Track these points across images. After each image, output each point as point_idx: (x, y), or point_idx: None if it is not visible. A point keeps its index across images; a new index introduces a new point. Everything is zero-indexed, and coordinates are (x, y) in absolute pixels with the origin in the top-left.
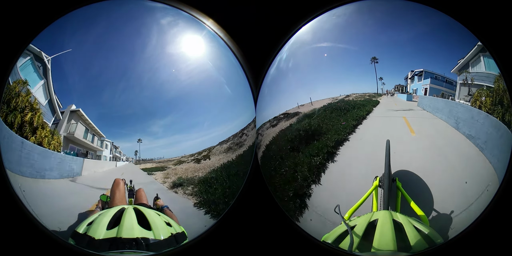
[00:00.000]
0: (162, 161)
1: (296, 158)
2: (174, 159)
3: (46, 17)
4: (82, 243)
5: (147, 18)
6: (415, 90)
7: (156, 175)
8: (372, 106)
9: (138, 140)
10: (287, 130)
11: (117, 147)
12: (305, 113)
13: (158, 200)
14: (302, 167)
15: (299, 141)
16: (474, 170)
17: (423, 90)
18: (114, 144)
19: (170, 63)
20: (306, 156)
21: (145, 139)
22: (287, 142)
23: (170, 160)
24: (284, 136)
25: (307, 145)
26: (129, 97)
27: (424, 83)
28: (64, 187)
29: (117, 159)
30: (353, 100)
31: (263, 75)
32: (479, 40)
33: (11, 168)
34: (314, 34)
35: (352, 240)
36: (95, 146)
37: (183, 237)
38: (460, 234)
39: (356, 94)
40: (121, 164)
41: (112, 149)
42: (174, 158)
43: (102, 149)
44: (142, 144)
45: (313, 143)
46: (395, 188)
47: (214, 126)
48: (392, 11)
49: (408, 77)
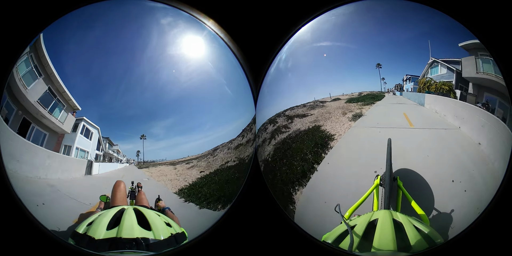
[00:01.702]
0: (163, 162)
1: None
2: (176, 160)
3: (46, 17)
4: (82, 243)
5: (147, 18)
6: (407, 88)
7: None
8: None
9: (142, 136)
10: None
11: (115, 144)
12: (350, 97)
13: (159, 202)
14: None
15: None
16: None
17: (410, 88)
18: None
19: (170, 64)
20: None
21: (146, 141)
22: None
23: (171, 161)
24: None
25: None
26: (130, 99)
27: (410, 84)
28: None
29: (113, 160)
30: (370, 94)
31: (263, 75)
32: (479, 40)
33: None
34: (314, 34)
35: (352, 240)
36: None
37: (183, 237)
38: (460, 234)
39: (366, 91)
40: (121, 166)
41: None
42: (176, 160)
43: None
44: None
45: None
46: (396, 187)
47: (215, 127)
48: (392, 11)
49: (403, 79)
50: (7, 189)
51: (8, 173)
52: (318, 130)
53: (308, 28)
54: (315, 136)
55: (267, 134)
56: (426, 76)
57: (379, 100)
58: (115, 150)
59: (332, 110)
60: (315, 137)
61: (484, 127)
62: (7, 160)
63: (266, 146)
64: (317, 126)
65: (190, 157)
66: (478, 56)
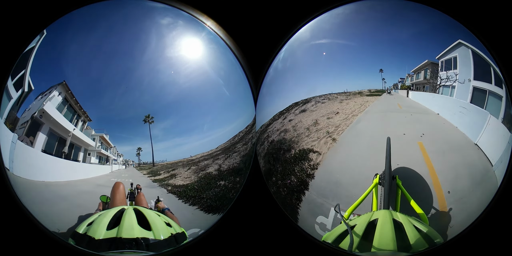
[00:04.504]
0: (163, 164)
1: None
2: (175, 161)
3: (45, 17)
4: (82, 243)
5: (147, 19)
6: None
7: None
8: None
9: (138, 149)
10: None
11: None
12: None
13: (159, 203)
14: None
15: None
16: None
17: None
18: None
19: (169, 66)
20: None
21: (145, 143)
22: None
23: (172, 162)
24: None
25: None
26: (129, 101)
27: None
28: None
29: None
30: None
31: (263, 74)
32: (479, 40)
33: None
34: (313, 33)
35: (352, 240)
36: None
37: (183, 237)
38: (460, 234)
39: (372, 89)
40: (119, 168)
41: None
42: (175, 161)
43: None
44: (142, 146)
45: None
46: (395, 186)
47: (214, 128)
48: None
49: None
50: (7, 189)
51: (8, 173)
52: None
53: (308, 27)
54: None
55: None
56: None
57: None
58: (114, 151)
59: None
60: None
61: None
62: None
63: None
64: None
65: (189, 158)
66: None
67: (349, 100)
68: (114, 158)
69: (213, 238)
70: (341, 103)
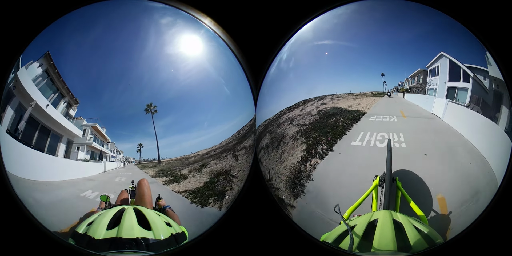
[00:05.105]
0: (163, 160)
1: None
2: (175, 158)
3: (45, 17)
4: (82, 243)
5: (146, 18)
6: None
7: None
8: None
9: (139, 145)
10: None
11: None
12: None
13: (160, 200)
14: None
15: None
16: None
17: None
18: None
19: (169, 63)
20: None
21: (145, 140)
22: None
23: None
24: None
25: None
26: (129, 98)
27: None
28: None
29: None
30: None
31: (263, 74)
32: (479, 40)
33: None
34: (315, 33)
35: (352, 240)
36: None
37: (183, 237)
38: (460, 234)
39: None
40: (117, 166)
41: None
42: (175, 158)
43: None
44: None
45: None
46: (395, 187)
47: (214, 126)
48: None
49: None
50: (7, 190)
51: (8, 174)
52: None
53: (309, 27)
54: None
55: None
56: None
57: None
58: (112, 148)
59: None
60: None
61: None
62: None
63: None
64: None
65: (189, 155)
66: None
67: (359, 99)
68: (112, 154)
69: (213, 238)
70: (355, 99)
